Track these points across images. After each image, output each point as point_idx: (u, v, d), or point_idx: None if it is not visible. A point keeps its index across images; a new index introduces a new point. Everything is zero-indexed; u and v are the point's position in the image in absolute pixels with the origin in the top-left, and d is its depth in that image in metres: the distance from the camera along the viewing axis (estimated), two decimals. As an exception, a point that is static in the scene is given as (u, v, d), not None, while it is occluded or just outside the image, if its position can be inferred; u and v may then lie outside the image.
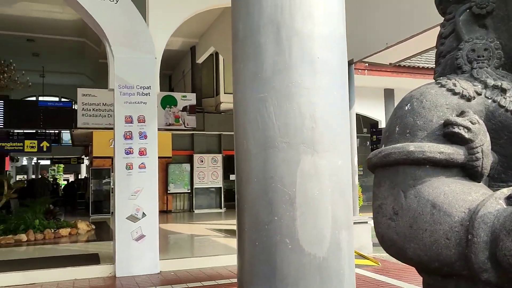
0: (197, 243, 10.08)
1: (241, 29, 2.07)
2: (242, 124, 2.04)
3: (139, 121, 7.42)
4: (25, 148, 15.54)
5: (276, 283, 1.85)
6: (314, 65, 1.94)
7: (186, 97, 16.29)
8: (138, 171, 7.30)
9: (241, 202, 2.08)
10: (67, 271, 6.89)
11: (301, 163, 1.88)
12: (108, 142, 16.09)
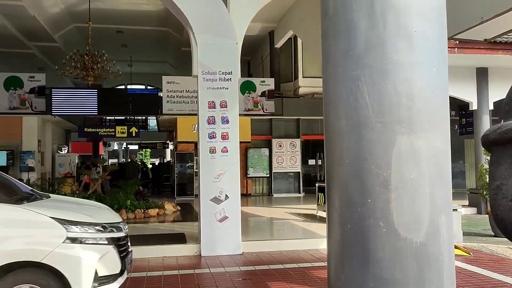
0: (277, 226, 10.19)
1: (332, 6, 2.00)
2: (333, 103, 1.98)
3: (221, 106, 7.60)
4: (116, 134, 16.65)
5: (369, 267, 1.80)
6: (411, 39, 1.82)
7: (264, 82, 16.39)
8: (221, 155, 7.51)
9: (332, 184, 2.03)
10: (157, 248, 7.32)
11: (397, 144, 1.79)
12: (191, 128, 16.73)
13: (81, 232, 3.91)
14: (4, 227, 3.76)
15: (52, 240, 3.78)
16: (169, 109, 16.12)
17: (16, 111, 15.12)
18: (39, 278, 3.72)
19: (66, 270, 3.74)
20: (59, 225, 3.82)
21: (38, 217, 3.85)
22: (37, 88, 15.18)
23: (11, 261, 3.67)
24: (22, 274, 3.72)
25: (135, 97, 15.95)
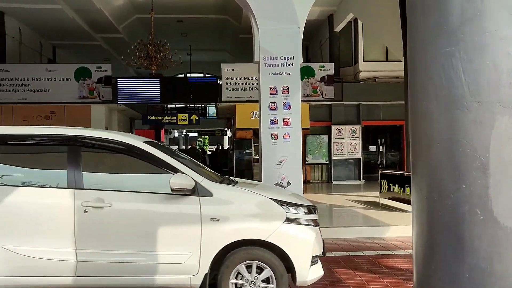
0: (338, 213, 10.05)
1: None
2: (421, 83, 1.86)
3: (283, 91, 7.53)
4: (178, 121, 17.11)
5: (464, 256, 1.69)
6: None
7: (324, 67, 16.10)
8: (282, 141, 7.47)
9: (418, 169, 1.93)
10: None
11: (496, 125, 1.66)
12: (249, 114, 16.84)
13: (296, 213, 4.10)
14: (236, 207, 4.00)
15: (274, 220, 3.98)
16: (228, 96, 16.29)
17: (86, 100, 15.91)
18: (265, 256, 3.93)
19: (288, 249, 3.93)
20: (278, 206, 4.03)
21: (259, 198, 4.10)
22: (104, 78, 15.86)
23: (241, 238, 3.92)
24: (252, 250, 3.94)
25: (196, 85, 16.26)
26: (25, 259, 3.76)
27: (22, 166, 4.27)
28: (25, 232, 3.83)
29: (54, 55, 20.48)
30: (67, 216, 3.83)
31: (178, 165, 4.06)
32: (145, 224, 3.91)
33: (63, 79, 15.82)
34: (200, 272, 3.85)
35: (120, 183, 4.18)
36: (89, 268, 3.82)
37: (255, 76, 16.24)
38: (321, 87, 16.05)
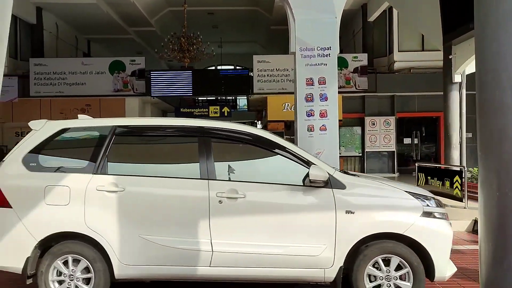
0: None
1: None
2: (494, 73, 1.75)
3: (320, 83, 7.43)
4: (210, 114, 17.17)
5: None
6: None
7: (357, 58, 15.80)
8: (319, 133, 7.38)
9: (489, 163, 1.82)
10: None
11: None
12: (281, 106, 16.75)
13: (432, 206, 3.99)
14: (371, 199, 3.94)
15: (412, 213, 3.89)
16: (259, 88, 16.23)
17: (120, 93, 16.17)
18: (402, 250, 3.83)
19: (428, 244, 3.81)
20: (414, 199, 3.94)
21: (394, 190, 4.04)
22: (137, 71, 16.06)
23: (378, 231, 3.85)
24: (388, 244, 3.86)
25: (227, 77, 16.26)
26: (161, 249, 3.84)
27: (155, 157, 4.36)
28: (160, 222, 3.91)
29: (89, 49, 20.91)
30: (202, 207, 3.86)
31: (309, 157, 4.06)
32: (279, 216, 3.90)
33: (98, 72, 16.11)
34: (334, 265, 3.82)
35: (250, 174, 4.18)
36: (223, 259, 3.85)
37: (287, 68, 16.13)
38: (354, 78, 15.77)
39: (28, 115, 16.70)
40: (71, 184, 3.94)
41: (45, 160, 4.12)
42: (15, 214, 3.92)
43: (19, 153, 4.08)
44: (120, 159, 4.20)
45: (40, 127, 4.19)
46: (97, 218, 3.89)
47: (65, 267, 3.91)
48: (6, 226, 3.93)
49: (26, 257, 3.88)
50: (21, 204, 3.94)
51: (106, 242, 3.85)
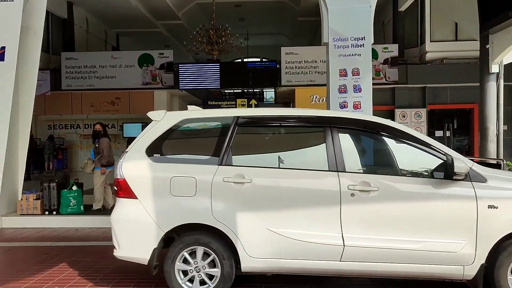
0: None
1: None
2: None
3: (354, 74, 7.27)
4: (237, 106, 17.12)
5: None
6: None
7: (387, 49, 15.45)
8: (353, 125, 7.23)
9: None
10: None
11: None
12: (309, 99, 16.57)
13: None
14: None
15: None
16: (287, 80, 16.10)
17: (149, 86, 16.33)
18: None
19: None
20: None
21: None
22: (166, 64, 16.17)
23: None
24: None
25: (255, 70, 16.17)
26: (289, 242, 3.77)
27: (278, 148, 4.27)
28: (288, 215, 3.82)
29: (118, 43, 21.16)
30: (333, 200, 3.77)
31: (445, 148, 3.89)
32: (415, 210, 3.76)
33: (127, 65, 16.29)
34: (475, 263, 3.67)
35: (381, 166, 4.10)
36: (355, 254, 3.75)
37: (315, 59, 15.94)
38: (384, 69, 15.45)
39: (60, 108, 17.09)
40: (197, 176, 3.91)
41: (168, 150, 4.11)
42: (140, 205, 3.94)
43: (142, 144, 4.07)
44: (244, 150, 4.15)
45: (160, 118, 4.16)
46: (224, 210, 3.85)
47: (192, 258, 3.91)
48: (132, 217, 3.97)
49: (153, 248, 3.91)
50: (147, 195, 3.95)
51: (234, 234, 3.81)
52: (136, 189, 3.96)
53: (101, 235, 6.83)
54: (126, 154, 4.11)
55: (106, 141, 8.00)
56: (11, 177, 7.69)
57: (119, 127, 17.56)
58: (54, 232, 7.04)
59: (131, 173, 4.00)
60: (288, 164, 4.04)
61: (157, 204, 3.92)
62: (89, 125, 17.59)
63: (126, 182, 3.97)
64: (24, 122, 7.98)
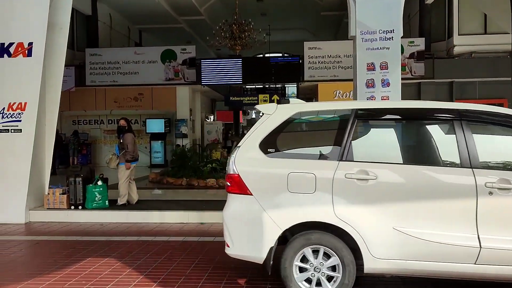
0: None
1: None
2: None
3: (382, 68, 7.08)
4: (259, 102, 17.03)
5: None
6: None
7: (413, 43, 15.11)
8: (381, 120, 7.05)
9: None
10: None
11: None
12: (332, 94, 16.36)
13: None
14: None
15: None
16: (310, 75, 15.93)
17: (171, 82, 16.37)
18: None
19: None
20: None
21: None
22: (188, 60, 16.18)
23: None
24: None
25: (277, 65, 16.03)
26: (417, 242, 3.55)
27: (401, 143, 4.01)
28: (416, 214, 3.61)
29: (141, 39, 21.30)
30: (468, 198, 3.52)
31: None
32: None
33: (150, 61, 16.37)
34: None
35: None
36: (493, 256, 3.50)
37: (339, 54, 15.72)
38: (410, 64, 15.12)
39: (84, 104, 17.30)
40: (316, 172, 3.70)
41: (283, 145, 3.95)
42: (256, 201, 3.78)
43: (255, 138, 3.91)
44: (364, 145, 3.93)
45: (272, 111, 3.96)
46: (347, 208, 3.64)
47: (310, 257, 3.71)
48: (247, 214, 3.83)
49: (270, 247, 3.73)
50: (262, 191, 3.80)
51: (357, 233, 3.60)
52: (250, 185, 3.80)
53: (125, 230, 6.85)
54: (239, 149, 3.94)
55: (131, 136, 8.01)
56: (38, 172, 7.77)
57: (142, 122, 17.68)
58: (80, 227, 7.09)
59: (245, 169, 3.84)
60: (413, 160, 3.80)
61: (273, 201, 3.76)
62: (112, 120, 17.75)
63: (240, 177, 3.82)
64: (51, 117, 8.06)
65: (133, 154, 7.95)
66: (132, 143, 7.94)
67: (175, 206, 7.95)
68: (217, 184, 10.56)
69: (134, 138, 8.10)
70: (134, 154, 7.98)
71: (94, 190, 7.67)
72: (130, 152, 7.89)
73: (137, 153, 8.18)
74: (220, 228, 6.96)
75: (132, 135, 8.07)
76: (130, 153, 7.89)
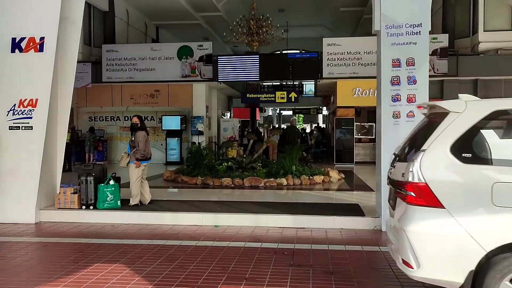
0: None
1: None
2: None
3: (408, 64, 6.60)
4: (276, 99, 16.62)
5: None
6: None
7: (436, 39, 14.47)
8: (406, 120, 6.57)
9: None
10: (334, 220, 6.84)
11: None
12: (351, 92, 15.85)
13: None
14: None
15: None
16: (329, 72, 15.44)
17: (188, 78, 16.05)
18: None
19: None
20: None
21: None
22: (205, 56, 15.83)
23: None
24: None
25: (295, 61, 15.56)
26: None
27: None
28: None
29: (158, 35, 21.02)
30: None
31: None
32: None
33: (166, 58, 16.07)
34: None
35: None
36: None
37: (358, 51, 15.19)
38: (432, 61, 14.47)
39: (101, 100, 17.11)
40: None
41: (480, 149, 3.35)
42: (450, 216, 3.21)
43: (443, 141, 3.33)
44: None
45: (462, 109, 3.36)
46: None
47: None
48: (439, 231, 3.25)
49: (469, 270, 3.15)
50: (458, 204, 3.23)
51: None
52: (442, 197, 3.24)
53: (137, 232, 6.53)
54: (424, 153, 3.35)
55: (143, 134, 7.65)
56: (49, 170, 7.51)
57: (158, 119, 17.41)
58: (91, 228, 6.80)
59: (435, 177, 3.27)
60: None
61: (474, 216, 3.18)
62: (128, 117, 17.53)
63: (429, 187, 3.25)
64: (63, 114, 7.76)
65: (144, 152, 7.59)
66: (144, 141, 7.59)
67: (189, 207, 7.61)
68: (233, 184, 10.20)
69: (146, 136, 7.73)
70: (145, 152, 7.64)
71: (106, 190, 7.38)
72: (141, 151, 7.54)
73: (150, 152, 7.83)
74: (235, 231, 6.67)
75: (145, 133, 7.72)
76: (140, 151, 7.54)
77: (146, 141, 7.67)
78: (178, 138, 16.58)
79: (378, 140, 7.07)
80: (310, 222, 6.84)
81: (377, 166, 7.01)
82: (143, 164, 7.63)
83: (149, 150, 7.80)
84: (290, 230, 6.60)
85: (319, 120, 34.46)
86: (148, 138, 7.86)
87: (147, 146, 7.70)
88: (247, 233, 6.45)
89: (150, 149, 7.87)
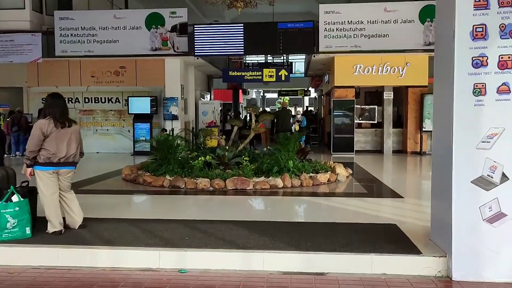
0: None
1: None
2: None
3: (501, 4, 3.78)
4: (264, 78, 13.72)
5: None
6: None
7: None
8: (496, 98, 3.78)
9: None
10: (370, 259, 4.06)
11: None
12: (351, 69, 13.05)
13: None
14: None
15: None
16: (326, 45, 12.59)
17: (158, 52, 13.00)
18: None
19: None
20: None
21: None
22: (178, 26, 12.79)
23: None
24: None
25: (287, 32, 12.63)
26: None
27: None
28: None
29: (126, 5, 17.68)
30: None
31: None
32: None
33: (133, 27, 12.98)
34: None
35: None
36: None
37: (362, 20, 12.35)
38: None
39: (56, 78, 13.72)
40: None
41: None
42: None
43: None
44: None
45: None
46: None
47: None
48: None
49: None
50: None
51: None
52: None
53: (52, 282, 3.66)
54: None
55: (40, 125, 4.52)
56: None
57: (124, 101, 14.26)
58: (-30, 278, 3.88)
59: None
60: None
61: None
62: (89, 99, 14.43)
63: None
64: None
65: (50, 153, 4.52)
66: (37, 137, 4.52)
67: (140, 234, 4.70)
68: (211, 187, 7.34)
69: (60, 128, 4.62)
70: (52, 153, 4.54)
71: (4, 211, 4.42)
72: (31, 150, 4.53)
73: (65, 153, 4.66)
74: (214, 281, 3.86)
75: (46, 123, 4.59)
76: (31, 151, 4.52)
77: (60, 136, 4.60)
78: (148, 123, 13.54)
79: (439, 131, 4.27)
80: (332, 263, 4.05)
81: (438, 170, 4.28)
82: (46, 172, 4.60)
83: (67, 149, 4.65)
84: (302, 278, 3.84)
85: (305, 103, 31.58)
86: (70, 132, 4.74)
87: (59, 144, 4.58)
88: (234, 283, 3.67)
89: (71, 148, 4.70)
